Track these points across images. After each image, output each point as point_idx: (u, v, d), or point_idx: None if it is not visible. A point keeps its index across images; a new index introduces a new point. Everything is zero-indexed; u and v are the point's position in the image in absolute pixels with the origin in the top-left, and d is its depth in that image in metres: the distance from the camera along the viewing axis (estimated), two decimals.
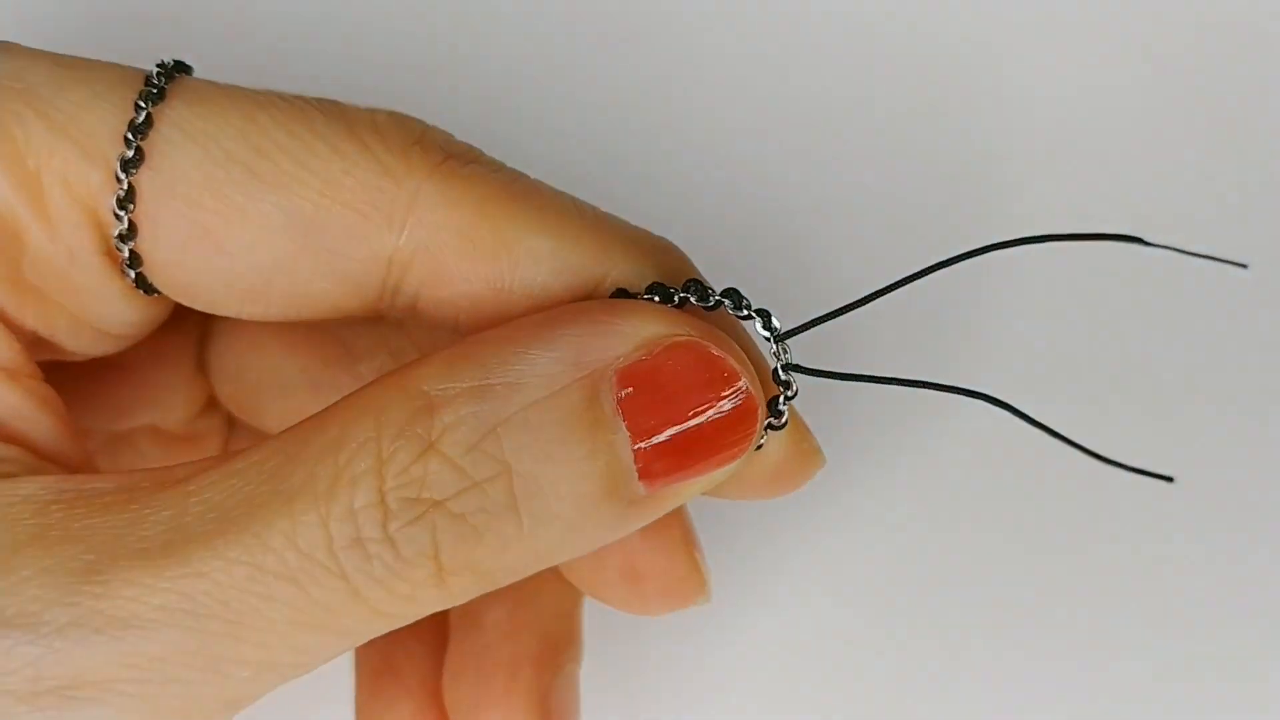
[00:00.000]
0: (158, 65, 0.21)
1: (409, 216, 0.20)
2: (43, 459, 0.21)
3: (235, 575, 0.18)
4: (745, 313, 0.20)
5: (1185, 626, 0.28)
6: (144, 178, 0.20)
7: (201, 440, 0.27)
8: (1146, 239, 0.20)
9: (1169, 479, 0.21)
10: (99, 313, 0.22)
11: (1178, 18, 0.31)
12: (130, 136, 0.20)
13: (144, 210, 0.20)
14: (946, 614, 0.29)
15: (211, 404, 0.27)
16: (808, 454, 0.22)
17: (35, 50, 0.21)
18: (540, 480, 0.19)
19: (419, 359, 0.20)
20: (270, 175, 0.20)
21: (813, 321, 0.21)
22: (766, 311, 0.20)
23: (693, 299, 0.20)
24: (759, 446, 0.20)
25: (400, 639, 0.26)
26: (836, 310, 0.21)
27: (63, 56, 0.21)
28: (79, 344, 0.22)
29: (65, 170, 0.20)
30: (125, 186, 0.20)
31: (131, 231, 0.20)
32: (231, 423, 0.27)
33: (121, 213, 0.20)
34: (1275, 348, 0.30)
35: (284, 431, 0.20)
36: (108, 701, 0.19)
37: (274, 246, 0.20)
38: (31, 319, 0.21)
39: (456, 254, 0.20)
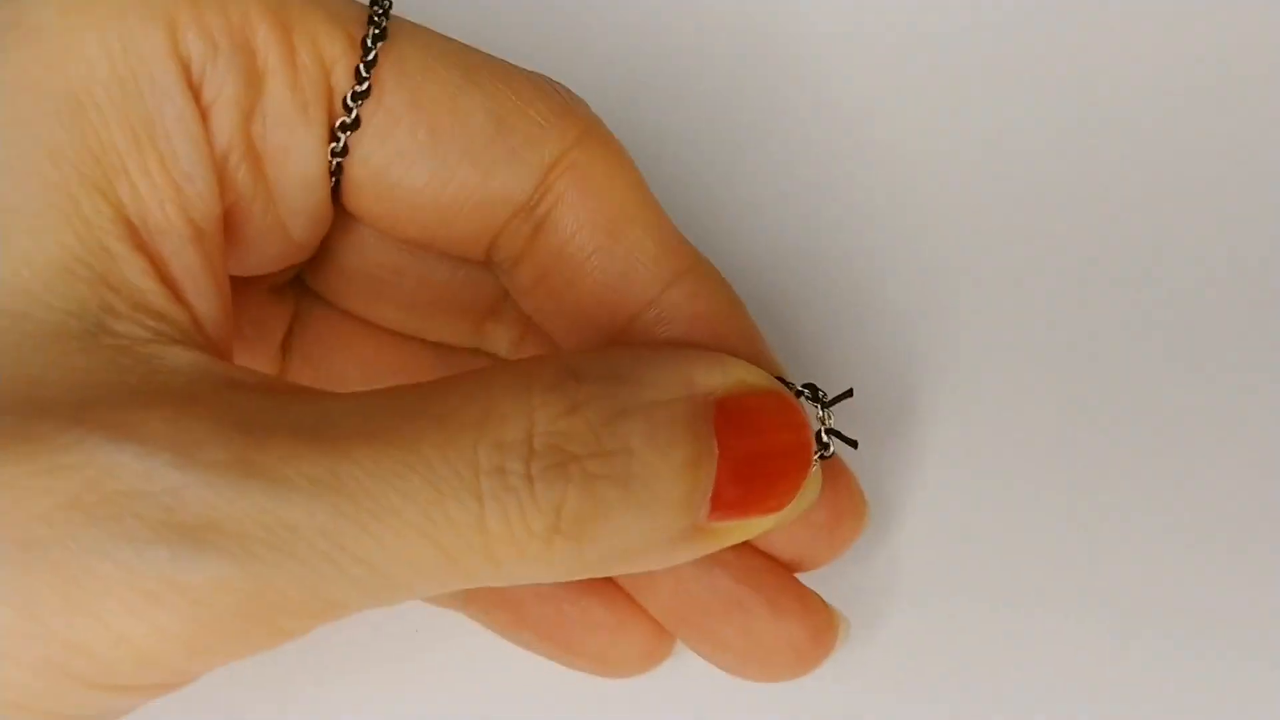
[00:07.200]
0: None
1: (576, 142, 0.23)
2: (202, 333, 0.21)
3: (384, 466, 0.19)
4: (804, 392, 0.24)
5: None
6: (381, 51, 0.22)
7: None
8: None
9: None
10: (293, 197, 0.23)
11: None
12: (375, 18, 0.22)
13: (376, 77, 0.22)
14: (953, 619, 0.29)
15: None
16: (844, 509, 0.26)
17: None
18: (649, 470, 0.20)
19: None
20: (481, 80, 0.23)
21: (848, 391, 0.24)
22: (812, 385, 0.24)
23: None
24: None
25: None
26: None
27: None
28: (258, 231, 0.23)
29: (316, 31, 0.22)
30: (373, 56, 0.22)
31: (365, 94, 0.22)
32: None
33: (366, 74, 0.22)
34: None
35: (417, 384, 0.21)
36: (234, 556, 0.18)
37: (471, 135, 0.23)
38: (240, 177, 0.22)
39: (599, 186, 0.23)
